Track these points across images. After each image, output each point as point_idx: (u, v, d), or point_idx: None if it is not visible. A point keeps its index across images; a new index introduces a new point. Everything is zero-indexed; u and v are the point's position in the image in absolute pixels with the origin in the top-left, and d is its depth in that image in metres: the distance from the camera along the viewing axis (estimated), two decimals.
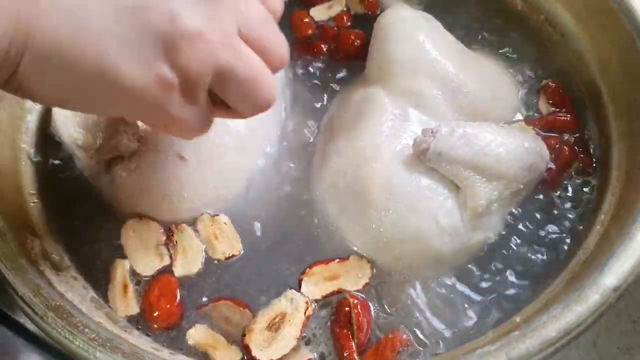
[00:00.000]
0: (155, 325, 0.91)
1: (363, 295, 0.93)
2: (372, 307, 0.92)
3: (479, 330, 0.90)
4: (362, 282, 0.94)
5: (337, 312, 0.92)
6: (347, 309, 0.90)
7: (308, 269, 0.95)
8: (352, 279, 0.94)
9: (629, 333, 1.17)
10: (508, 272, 0.96)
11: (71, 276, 0.93)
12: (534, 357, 0.76)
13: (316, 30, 1.21)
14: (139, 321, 0.91)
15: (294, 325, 0.88)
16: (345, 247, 0.98)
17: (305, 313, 0.89)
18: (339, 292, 0.93)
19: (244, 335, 0.89)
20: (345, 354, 0.88)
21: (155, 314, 0.91)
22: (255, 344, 0.87)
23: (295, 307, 0.90)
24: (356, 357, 0.88)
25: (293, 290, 0.92)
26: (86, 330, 0.79)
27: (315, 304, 0.92)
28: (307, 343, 0.90)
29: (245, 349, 0.87)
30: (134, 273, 0.95)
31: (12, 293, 0.82)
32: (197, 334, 0.90)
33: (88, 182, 1.04)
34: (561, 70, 1.15)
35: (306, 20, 1.22)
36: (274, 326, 0.89)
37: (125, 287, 0.93)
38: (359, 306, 0.90)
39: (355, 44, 1.18)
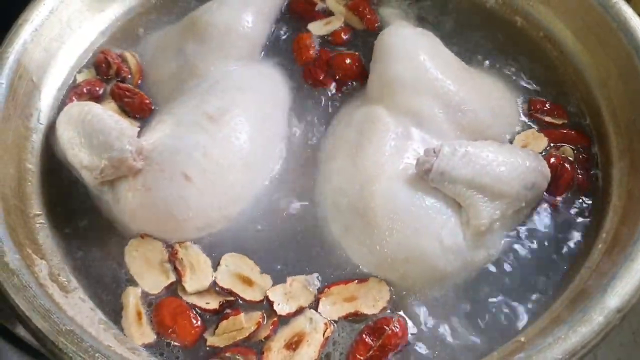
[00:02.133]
0: (183, 343, 0.91)
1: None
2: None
3: (482, 351, 0.90)
4: (380, 306, 0.93)
5: (376, 323, 0.91)
6: (385, 327, 0.90)
7: (327, 288, 0.95)
8: (370, 301, 0.94)
9: (630, 345, 1.18)
10: (511, 291, 0.96)
11: (79, 297, 0.94)
12: None
13: (316, 50, 1.22)
14: (159, 348, 0.91)
15: (312, 345, 0.88)
16: (348, 265, 0.98)
17: (324, 334, 0.90)
18: (356, 314, 0.93)
19: (262, 353, 0.89)
20: (353, 356, 0.89)
21: (177, 333, 0.91)
22: None
23: (314, 327, 0.90)
24: None
25: (312, 310, 0.93)
26: (97, 355, 0.79)
27: (335, 324, 0.92)
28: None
29: None
30: (145, 298, 0.95)
31: (23, 318, 0.82)
32: None
33: (92, 202, 1.05)
34: (561, 87, 1.17)
35: (308, 43, 1.23)
36: (292, 345, 0.89)
37: (139, 314, 0.93)
38: (397, 330, 0.90)
39: (351, 66, 1.19)
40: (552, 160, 1.04)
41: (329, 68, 1.19)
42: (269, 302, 0.93)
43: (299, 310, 0.93)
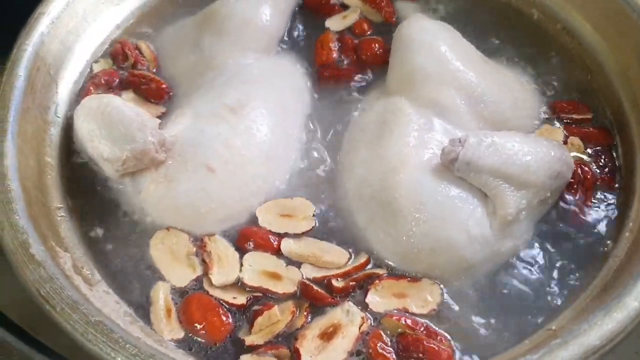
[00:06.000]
0: (213, 340, 0.89)
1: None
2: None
3: (512, 339, 0.90)
4: (429, 307, 0.92)
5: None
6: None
7: (377, 280, 0.94)
8: (420, 301, 0.92)
9: None
10: (538, 282, 0.96)
11: (103, 290, 0.92)
12: None
13: (338, 53, 1.21)
14: (188, 343, 0.90)
15: (346, 338, 0.87)
16: (374, 257, 0.97)
17: (360, 328, 0.88)
18: (404, 311, 0.91)
19: (296, 339, 0.88)
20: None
21: (206, 330, 0.90)
22: (306, 350, 0.86)
23: (350, 319, 0.89)
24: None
25: (351, 303, 0.91)
26: (127, 345, 0.78)
27: (371, 319, 0.91)
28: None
29: (295, 353, 0.86)
30: (173, 292, 0.94)
31: (50, 310, 0.81)
32: None
33: (112, 195, 1.04)
34: (580, 78, 1.17)
35: (329, 45, 1.22)
36: (327, 335, 0.88)
37: (168, 310, 0.92)
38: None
39: (378, 51, 1.19)
40: None
41: (355, 53, 1.20)
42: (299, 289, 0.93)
43: None
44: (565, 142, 1.08)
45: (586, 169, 1.04)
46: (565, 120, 1.12)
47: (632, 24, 1.08)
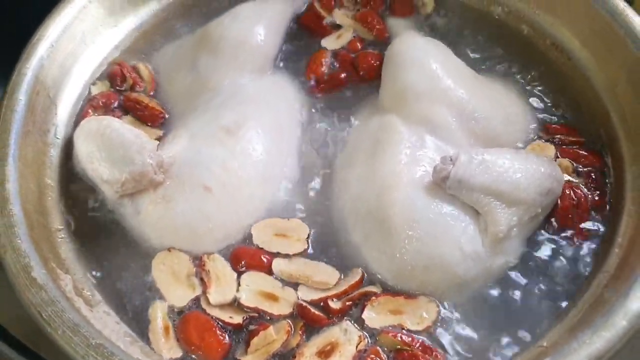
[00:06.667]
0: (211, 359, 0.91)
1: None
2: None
3: (504, 355, 0.92)
4: (425, 324, 0.94)
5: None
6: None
7: (374, 297, 0.96)
8: (416, 318, 0.94)
9: None
10: (530, 297, 0.98)
11: (103, 311, 0.94)
12: None
13: (330, 67, 1.24)
14: None
15: (344, 356, 0.89)
16: (368, 274, 0.99)
17: (357, 347, 0.90)
18: (400, 327, 0.93)
19: (293, 357, 0.89)
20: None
21: (203, 350, 0.91)
22: None
23: (348, 338, 0.90)
24: None
25: (348, 322, 0.93)
26: None
27: (368, 339, 0.92)
28: None
29: None
30: (172, 311, 0.95)
31: (52, 332, 0.83)
32: None
33: (112, 215, 1.06)
34: (569, 93, 1.18)
35: (321, 60, 1.24)
36: (324, 353, 0.89)
37: (166, 329, 0.93)
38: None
39: (375, 64, 1.21)
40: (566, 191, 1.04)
41: (352, 67, 1.22)
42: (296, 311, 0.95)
43: None
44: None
45: (579, 192, 1.05)
46: (556, 142, 1.12)
47: (619, 39, 1.09)
